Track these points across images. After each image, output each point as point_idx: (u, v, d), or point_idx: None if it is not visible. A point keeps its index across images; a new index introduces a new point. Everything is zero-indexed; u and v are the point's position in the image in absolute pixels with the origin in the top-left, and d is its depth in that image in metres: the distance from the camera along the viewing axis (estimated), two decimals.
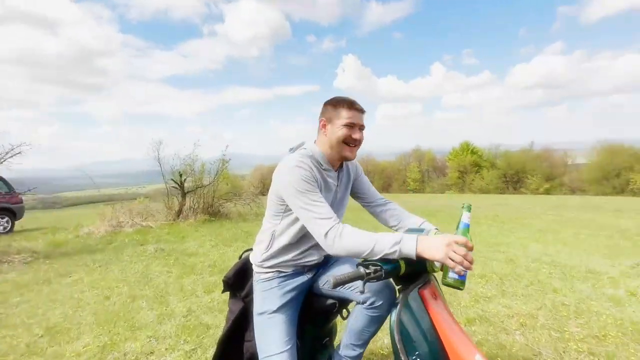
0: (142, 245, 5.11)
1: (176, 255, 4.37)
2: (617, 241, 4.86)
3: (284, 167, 1.10)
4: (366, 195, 1.35)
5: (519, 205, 11.45)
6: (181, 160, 7.82)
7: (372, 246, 0.92)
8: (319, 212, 1.01)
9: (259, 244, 1.27)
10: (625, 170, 25.54)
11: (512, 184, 30.37)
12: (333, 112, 1.16)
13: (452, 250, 0.85)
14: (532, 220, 7.17)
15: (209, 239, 5.42)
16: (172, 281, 3.35)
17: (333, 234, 0.97)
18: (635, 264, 3.51)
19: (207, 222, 7.04)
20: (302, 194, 1.03)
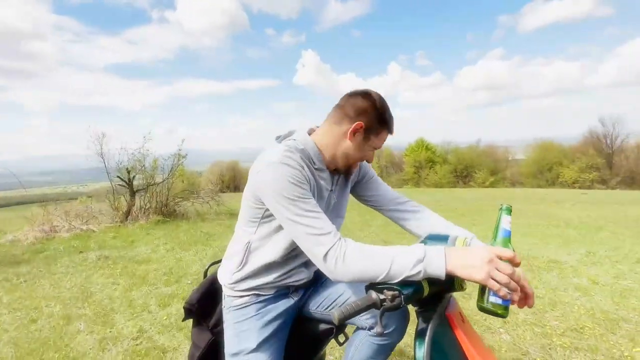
0: (82, 252, 4.42)
1: (124, 263, 3.82)
2: (564, 230, 5.23)
3: (265, 162, 0.82)
4: (379, 197, 1.07)
5: (472, 198, 12.15)
6: (129, 156, 7.01)
7: (388, 268, 0.69)
8: (315, 226, 0.76)
9: (230, 259, 0.98)
10: (556, 165, 28.72)
11: (461, 179, 32.54)
12: (376, 126, 0.89)
13: (495, 268, 0.64)
14: (489, 213, 7.56)
15: (163, 242, 4.87)
16: (118, 295, 2.87)
17: (334, 255, 0.73)
18: (588, 252, 3.75)
19: (161, 224, 6.38)
20: (291, 202, 0.78)
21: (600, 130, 29.73)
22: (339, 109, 0.91)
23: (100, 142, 6.86)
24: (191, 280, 3.16)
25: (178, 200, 7.44)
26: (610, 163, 28.13)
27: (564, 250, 3.94)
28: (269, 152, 0.88)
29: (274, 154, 0.84)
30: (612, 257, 3.58)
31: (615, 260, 3.45)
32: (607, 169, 27.55)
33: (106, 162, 6.87)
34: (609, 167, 27.79)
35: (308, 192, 0.81)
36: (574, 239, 4.54)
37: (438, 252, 0.68)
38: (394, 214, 1.05)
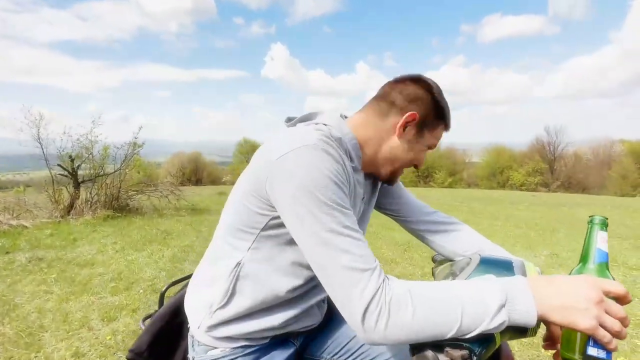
0: (9, 253, 3.74)
1: (61, 267, 3.26)
2: (525, 231, 5.48)
3: (291, 144, 0.55)
4: (403, 207, 0.84)
5: (435, 197, 12.56)
6: (74, 142, 6.17)
7: (458, 321, 0.46)
8: (356, 253, 0.50)
9: (206, 287, 0.69)
10: (507, 168, 31.10)
11: (422, 179, 33.95)
12: (432, 119, 0.68)
13: (604, 310, 0.45)
14: (452, 213, 7.66)
15: (111, 241, 4.30)
16: (51, 307, 2.39)
17: (377, 305, 0.47)
18: (552, 254, 3.90)
19: (110, 220, 5.70)
20: (328, 209, 0.51)
21: (545, 138, 32.65)
22: (382, 98, 0.68)
23: (38, 124, 5.97)
24: (144, 289, 2.75)
25: (132, 194, 6.74)
26: (552, 168, 31.01)
27: (529, 252, 4.07)
28: (293, 133, 0.60)
29: (305, 135, 0.57)
30: (573, 258, 3.74)
31: (576, 262, 3.60)
32: (549, 174, 30.33)
33: (44, 148, 6.00)
34: (551, 172, 30.62)
35: (348, 200, 0.56)
36: (535, 241, 4.74)
37: (522, 289, 0.47)
38: (421, 227, 0.82)
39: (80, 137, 6.18)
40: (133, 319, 2.23)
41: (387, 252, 3.89)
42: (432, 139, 0.69)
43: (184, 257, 3.65)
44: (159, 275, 3.05)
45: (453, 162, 34.53)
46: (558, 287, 0.48)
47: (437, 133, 0.70)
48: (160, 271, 3.16)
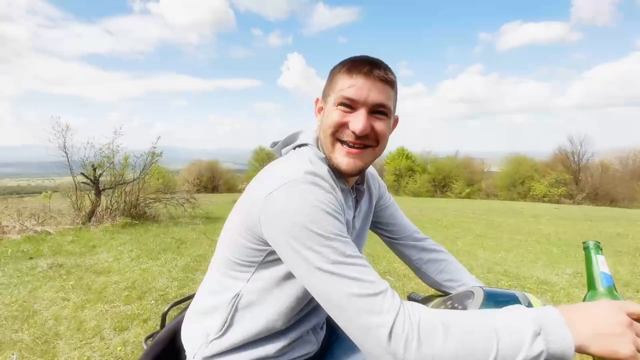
0: (32, 259, 3.90)
1: (79, 274, 3.36)
2: (547, 247, 5.23)
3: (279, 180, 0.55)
4: (396, 228, 0.83)
5: (451, 208, 12.26)
6: (97, 151, 6.44)
7: (495, 348, 0.43)
8: (364, 279, 0.49)
9: (205, 316, 0.68)
10: (528, 179, 30.07)
11: (439, 188, 33.31)
12: (329, 83, 0.66)
13: (636, 333, 0.44)
14: (470, 225, 7.55)
15: (128, 248, 4.41)
16: (66, 315, 2.46)
17: (403, 331, 0.45)
18: (575, 273, 3.69)
19: (128, 227, 5.86)
20: (326, 242, 0.50)
21: (568, 148, 31.45)
22: None
23: (64, 134, 6.27)
24: (155, 298, 2.78)
25: (149, 202, 6.92)
26: (577, 179, 29.74)
27: (551, 269, 3.87)
28: (282, 165, 0.60)
29: (293, 168, 0.57)
30: None
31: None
32: (573, 185, 29.09)
33: (69, 156, 6.28)
34: (575, 183, 29.36)
35: (345, 227, 0.55)
36: (558, 257, 4.52)
37: (555, 318, 0.45)
38: (410, 252, 0.82)
39: (102, 146, 6.45)
40: (143, 329, 2.26)
41: (400, 267, 3.80)
42: (335, 95, 0.63)
43: (196, 266, 3.69)
44: (170, 285, 3.09)
45: (471, 172, 33.74)
46: (588, 315, 0.45)
47: (338, 85, 0.63)
48: (172, 281, 3.20)
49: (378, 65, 0.62)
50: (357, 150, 0.62)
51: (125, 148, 6.74)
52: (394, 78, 0.64)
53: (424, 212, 10.15)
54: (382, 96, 0.61)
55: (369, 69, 0.61)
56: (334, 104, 0.63)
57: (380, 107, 0.62)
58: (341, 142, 0.63)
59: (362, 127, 0.60)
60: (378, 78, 0.61)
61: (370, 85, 0.61)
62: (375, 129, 0.62)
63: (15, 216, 5.35)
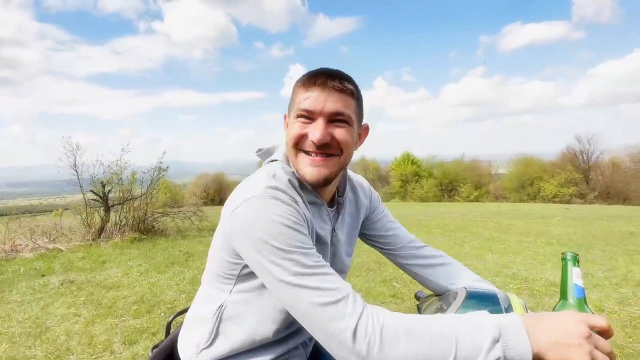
0: (44, 276, 3.98)
1: (90, 289, 3.43)
2: (557, 248, 5.15)
3: (242, 197, 0.59)
4: (392, 239, 0.84)
5: (459, 212, 12.14)
6: (105, 168, 6.60)
7: (453, 353, 0.46)
8: (325, 288, 0.52)
9: (194, 327, 0.72)
10: (537, 179, 29.61)
11: (447, 192, 32.99)
12: (291, 96, 0.69)
13: (594, 346, 0.46)
14: (477, 229, 7.47)
15: (137, 263, 4.47)
16: (78, 330, 2.50)
17: (365, 334, 0.48)
18: (586, 274, 3.63)
19: (137, 242, 5.95)
20: (286, 254, 0.54)
21: (576, 146, 30.96)
22: None
23: (74, 153, 6.45)
24: (164, 311, 2.82)
25: (157, 216, 7.03)
26: (587, 178, 29.18)
27: (560, 272, 3.81)
28: (248, 181, 0.65)
29: (254, 185, 0.61)
30: (610, 279, 3.47)
31: (615, 282, 3.34)
32: (584, 184, 28.54)
33: (80, 174, 6.45)
34: (586, 182, 28.81)
35: (308, 239, 0.58)
36: None
37: (516, 325, 0.47)
38: (410, 261, 0.82)
39: (111, 164, 6.61)
40: (152, 342, 2.29)
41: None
42: (296, 106, 0.65)
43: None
44: (178, 297, 3.13)
45: (478, 175, 33.37)
46: (549, 324, 0.48)
47: (297, 99, 0.65)
48: (180, 293, 3.24)
49: (333, 77, 0.63)
50: (320, 159, 0.63)
51: (133, 164, 6.91)
52: (353, 87, 0.65)
53: (431, 217, 10.07)
54: (338, 105, 0.62)
55: (323, 81, 0.62)
56: (294, 117, 0.65)
57: (338, 115, 0.63)
58: (305, 153, 0.65)
59: (319, 135, 0.61)
60: (333, 88, 0.62)
61: (325, 96, 0.62)
62: (335, 137, 0.63)
63: (28, 235, 5.48)
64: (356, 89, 0.66)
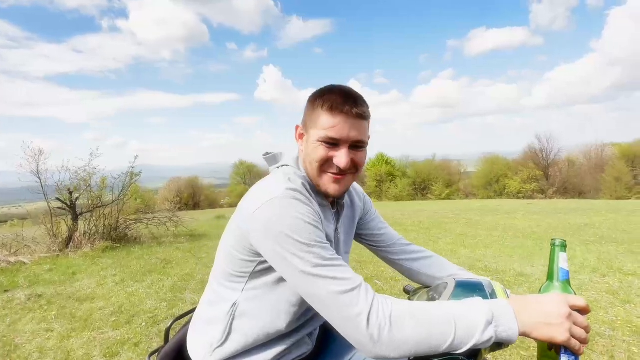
0: (7, 291, 3.72)
1: (61, 303, 3.25)
2: (522, 241, 5.52)
3: (265, 197, 0.63)
4: (383, 237, 0.92)
5: (432, 210, 12.62)
6: (72, 174, 6.24)
7: (452, 334, 0.54)
8: (342, 277, 0.58)
9: (206, 328, 0.75)
10: (502, 177, 31.36)
11: (420, 191, 34.10)
12: (310, 115, 0.72)
13: (573, 323, 0.54)
14: (450, 225, 7.82)
15: (111, 273, 4.29)
16: (52, 346, 2.38)
17: (377, 319, 0.54)
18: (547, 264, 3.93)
19: (110, 251, 5.69)
20: (308, 248, 0.59)
21: (537, 145, 33.13)
22: None
23: (37, 160, 6.05)
24: (145, 321, 2.75)
25: (130, 223, 6.74)
26: (547, 175, 31.29)
27: (527, 262, 4.11)
28: (265, 184, 0.70)
29: (275, 186, 0.66)
30: (570, 267, 3.78)
31: (574, 270, 3.65)
32: (544, 180, 30.58)
33: (43, 181, 6.06)
34: (546, 179, 30.88)
35: (324, 234, 0.64)
36: (532, 250, 4.78)
37: (506, 309, 0.55)
38: (400, 257, 0.90)
39: (78, 169, 6.26)
40: (135, 353, 2.23)
41: (387, 271, 3.91)
42: (318, 131, 0.69)
43: (185, 285, 3.65)
44: (159, 306, 3.06)
45: (449, 174, 34.76)
46: (534, 306, 0.56)
47: (320, 122, 0.69)
48: (161, 302, 3.16)
49: (356, 102, 0.69)
50: (341, 177, 0.71)
51: (102, 169, 6.59)
52: (368, 110, 0.72)
53: (406, 216, 10.39)
54: (360, 133, 0.70)
55: (349, 109, 0.67)
56: (317, 139, 0.69)
57: (360, 143, 0.71)
58: (329, 173, 0.71)
59: (345, 163, 0.68)
60: (356, 117, 0.68)
61: (350, 125, 0.68)
62: (355, 160, 0.71)
63: None
64: (368, 110, 0.73)
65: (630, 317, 2.43)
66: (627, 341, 2.10)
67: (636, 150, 29.30)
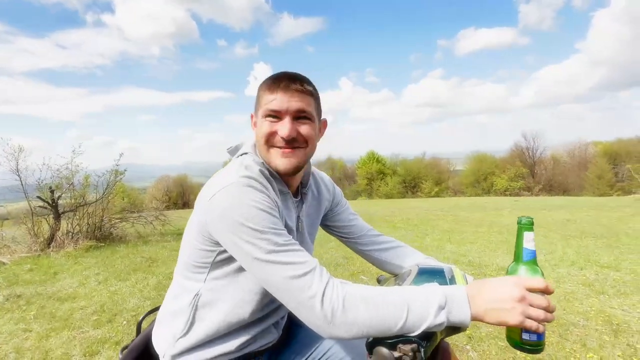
0: None
1: (41, 302, 3.18)
2: (506, 237, 5.64)
3: (219, 185, 0.64)
4: (353, 229, 0.92)
5: (421, 207, 12.77)
6: (54, 172, 6.09)
7: (404, 317, 0.55)
8: (296, 262, 0.58)
9: (169, 320, 0.75)
10: (490, 175, 31.95)
11: (410, 189, 34.45)
12: (258, 98, 0.76)
13: (529, 305, 0.55)
14: (438, 222, 7.93)
15: (94, 272, 4.21)
16: (29, 346, 2.33)
17: (330, 301, 0.55)
18: None
19: (93, 250, 5.58)
20: (261, 234, 0.59)
21: (523, 144, 33.84)
22: None
23: (17, 157, 5.88)
24: (127, 319, 2.71)
25: (115, 222, 6.62)
26: (533, 172, 32.01)
27: (510, 256, 4.20)
28: (222, 172, 0.70)
29: (229, 174, 0.66)
30: (550, 260, 3.89)
31: (553, 264, 3.75)
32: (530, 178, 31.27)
33: (23, 180, 5.89)
34: (532, 176, 31.59)
35: (280, 221, 0.64)
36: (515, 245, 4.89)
37: (460, 295, 0.57)
38: (370, 247, 0.91)
39: (60, 167, 6.11)
40: (115, 352, 2.20)
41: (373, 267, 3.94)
42: (262, 109, 0.72)
43: (170, 284, 3.60)
44: (143, 304, 3.02)
45: (438, 172, 35.22)
46: (488, 292, 0.57)
47: (262, 100, 0.72)
48: (144, 300, 3.12)
49: (294, 80, 0.71)
50: (289, 150, 0.71)
51: (86, 168, 6.45)
52: (311, 88, 0.73)
53: (395, 213, 10.48)
54: (301, 104, 0.71)
55: (286, 84, 0.70)
56: (262, 116, 0.72)
57: (302, 113, 0.71)
58: (275, 148, 0.72)
59: (287, 132, 0.69)
60: (295, 90, 0.70)
61: (289, 97, 0.70)
62: (301, 132, 0.71)
63: None
64: (314, 89, 0.74)
65: (604, 308, 2.51)
66: (599, 330, 2.17)
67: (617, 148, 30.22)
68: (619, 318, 2.32)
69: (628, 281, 3.05)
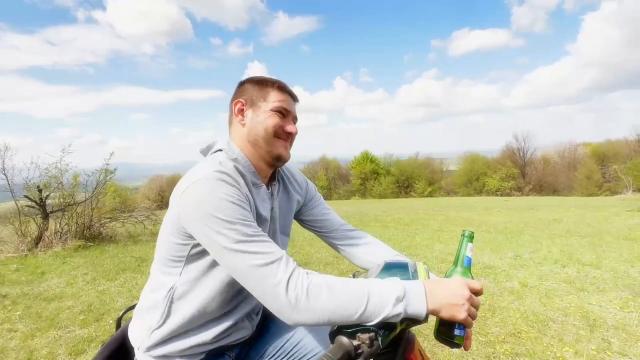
0: None
1: (27, 303, 3.15)
2: (494, 235, 5.75)
3: (191, 180, 0.67)
4: (326, 223, 0.96)
5: (413, 207, 12.89)
6: (42, 171, 6.01)
7: (364, 306, 0.59)
8: (262, 251, 0.62)
9: (145, 313, 0.78)
10: (482, 175, 32.34)
11: (403, 189, 34.69)
12: (257, 92, 0.81)
13: (471, 304, 0.61)
14: (428, 221, 8.03)
15: (82, 272, 4.18)
16: (14, 346, 2.32)
17: (294, 289, 0.59)
18: (515, 256, 4.12)
19: (82, 250, 5.53)
20: (230, 225, 0.63)
21: (514, 145, 34.33)
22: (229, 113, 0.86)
23: (3, 155, 5.79)
24: (114, 319, 2.71)
25: (105, 221, 6.57)
26: (523, 173, 32.49)
27: (496, 255, 4.28)
28: (196, 168, 0.73)
29: (203, 170, 0.70)
30: (534, 259, 3.98)
31: (537, 262, 3.84)
32: (521, 178, 31.74)
33: (10, 179, 5.81)
34: (522, 177, 32.06)
35: (250, 214, 0.67)
36: (502, 244, 4.99)
37: (418, 289, 0.61)
38: (342, 242, 0.95)
39: (49, 166, 6.04)
40: None
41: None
42: (271, 103, 0.80)
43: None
44: (131, 304, 3.00)
45: (431, 172, 35.52)
46: (443, 289, 0.62)
47: (272, 96, 0.81)
48: (133, 299, 3.11)
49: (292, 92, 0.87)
50: (288, 143, 0.84)
51: (76, 167, 6.37)
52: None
53: (387, 213, 10.57)
54: (296, 112, 0.86)
55: (291, 91, 0.85)
56: (271, 109, 0.80)
57: (296, 119, 0.86)
58: (279, 139, 0.81)
59: (295, 130, 0.83)
60: (294, 98, 0.87)
61: (292, 103, 0.85)
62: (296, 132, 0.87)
63: None
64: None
65: (582, 304, 2.59)
66: (576, 325, 2.25)
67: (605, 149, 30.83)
68: (595, 314, 2.40)
69: (607, 278, 3.15)
